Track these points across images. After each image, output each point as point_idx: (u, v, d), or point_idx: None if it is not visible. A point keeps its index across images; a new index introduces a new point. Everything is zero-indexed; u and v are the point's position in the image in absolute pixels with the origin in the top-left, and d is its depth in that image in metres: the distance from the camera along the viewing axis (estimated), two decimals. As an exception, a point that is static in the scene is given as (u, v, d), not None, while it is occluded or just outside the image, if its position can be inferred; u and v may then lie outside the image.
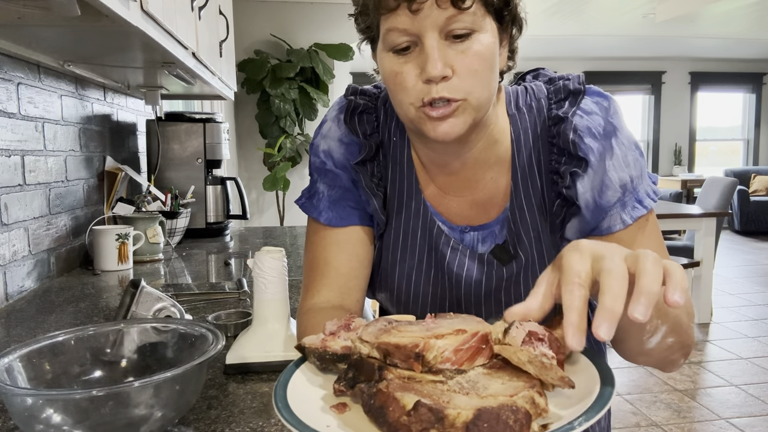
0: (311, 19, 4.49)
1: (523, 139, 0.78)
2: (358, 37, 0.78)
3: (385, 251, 0.84)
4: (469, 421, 0.41)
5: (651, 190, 0.76)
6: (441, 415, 0.42)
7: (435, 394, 0.46)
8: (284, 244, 2.02)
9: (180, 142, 2.15)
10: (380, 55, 0.72)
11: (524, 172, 0.78)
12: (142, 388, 0.59)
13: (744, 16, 5.66)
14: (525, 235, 0.78)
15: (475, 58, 0.67)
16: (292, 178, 4.47)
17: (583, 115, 0.74)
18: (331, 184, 0.84)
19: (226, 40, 2.04)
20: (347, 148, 0.83)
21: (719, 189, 4.23)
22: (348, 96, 0.85)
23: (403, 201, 0.83)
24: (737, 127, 8.74)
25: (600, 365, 0.50)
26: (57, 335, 0.70)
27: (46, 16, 0.95)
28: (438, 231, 0.81)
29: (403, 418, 0.43)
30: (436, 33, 0.66)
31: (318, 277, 0.83)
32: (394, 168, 0.83)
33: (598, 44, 7.06)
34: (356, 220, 0.84)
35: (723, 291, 4.85)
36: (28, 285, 1.38)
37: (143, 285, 0.92)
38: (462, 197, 0.81)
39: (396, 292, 0.85)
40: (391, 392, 0.45)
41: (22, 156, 1.36)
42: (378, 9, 0.68)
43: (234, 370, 0.82)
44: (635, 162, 0.74)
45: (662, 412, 2.74)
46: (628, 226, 0.74)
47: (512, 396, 0.44)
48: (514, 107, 0.79)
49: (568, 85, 0.77)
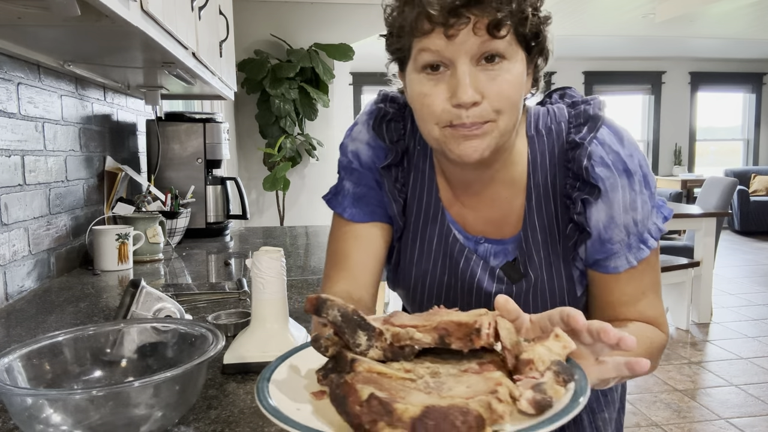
0: (311, 19, 4.49)
1: (539, 162, 0.80)
2: (387, 57, 0.80)
3: (403, 252, 0.89)
4: (416, 417, 0.43)
5: (656, 228, 0.78)
6: (390, 409, 0.44)
7: (394, 390, 0.48)
8: (284, 244, 2.02)
9: (180, 142, 2.15)
10: (410, 75, 0.74)
11: (539, 194, 0.80)
12: (142, 388, 0.59)
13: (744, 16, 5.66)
14: (536, 255, 0.80)
15: (505, 85, 0.69)
16: (292, 178, 4.47)
17: (598, 144, 0.75)
18: (357, 183, 0.89)
19: (226, 40, 2.04)
20: (374, 151, 0.87)
21: (719, 189, 4.22)
22: (378, 103, 0.88)
23: (422, 207, 0.86)
24: (737, 127, 8.74)
25: (579, 382, 0.51)
26: (57, 335, 0.70)
27: (46, 16, 0.95)
28: (453, 239, 0.85)
29: (357, 408, 0.46)
30: (468, 59, 0.68)
31: (338, 270, 0.87)
32: (416, 175, 0.87)
33: (598, 44, 7.06)
34: (377, 217, 0.88)
35: (723, 291, 4.85)
36: (28, 285, 1.38)
37: (143, 285, 0.92)
38: (478, 212, 0.84)
39: (412, 291, 0.89)
40: (354, 384, 0.48)
41: (22, 156, 1.36)
42: (413, 31, 0.69)
43: (232, 370, 0.82)
44: (643, 205, 0.76)
45: (662, 412, 2.74)
46: (632, 267, 0.78)
47: (469, 399, 0.45)
48: (533, 129, 0.81)
49: (588, 110, 0.78)
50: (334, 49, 4.29)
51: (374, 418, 0.45)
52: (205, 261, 1.76)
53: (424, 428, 0.43)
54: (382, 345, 0.55)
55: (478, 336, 0.52)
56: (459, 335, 0.53)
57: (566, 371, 0.51)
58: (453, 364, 0.55)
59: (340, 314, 0.55)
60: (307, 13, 4.49)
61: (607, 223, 0.75)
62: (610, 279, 0.79)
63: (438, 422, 0.43)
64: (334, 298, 0.56)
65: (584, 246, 0.78)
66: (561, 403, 0.47)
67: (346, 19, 4.52)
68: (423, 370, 0.54)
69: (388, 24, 0.76)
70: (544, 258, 0.80)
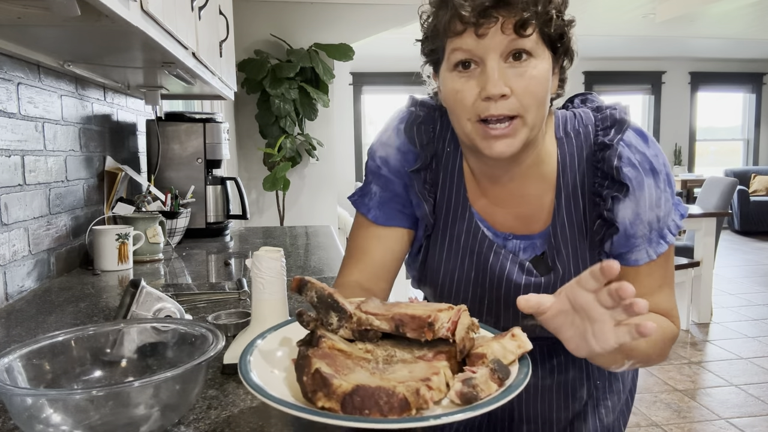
0: (311, 19, 4.49)
1: (569, 162, 0.84)
2: (421, 59, 0.85)
3: (432, 250, 0.92)
4: (347, 392, 0.51)
5: (674, 225, 0.83)
6: (328, 383, 0.52)
7: (343, 367, 0.56)
8: (284, 244, 2.02)
9: (180, 142, 2.15)
10: (443, 75, 0.80)
11: (568, 192, 0.84)
12: (142, 388, 0.59)
13: (744, 16, 5.66)
14: (564, 249, 0.85)
15: (532, 80, 0.74)
16: (292, 178, 4.47)
17: (625, 146, 0.80)
18: (384, 188, 0.93)
19: (226, 40, 2.04)
20: (404, 156, 0.90)
21: (719, 189, 4.22)
22: (410, 107, 0.92)
23: (450, 206, 0.90)
24: (737, 127, 8.73)
25: (516, 381, 0.57)
26: (57, 335, 0.70)
27: (46, 16, 0.95)
28: (482, 236, 0.88)
29: (305, 378, 0.54)
30: (497, 56, 0.73)
31: (354, 262, 0.93)
32: (445, 176, 0.90)
33: (598, 44, 7.06)
34: (400, 222, 0.93)
35: (723, 291, 4.85)
36: (28, 285, 1.38)
37: (143, 285, 0.92)
38: (507, 209, 0.88)
39: (440, 288, 0.92)
40: (312, 357, 0.55)
41: (22, 156, 1.36)
42: (447, 32, 0.75)
43: (231, 370, 0.82)
44: (665, 203, 0.81)
45: (662, 412, 2.74)
46: (652, 260, 0.83)
47: (401, 383, 0.52)
48: (562, 131, 0.86)
49: (614, 114, 0.83)
50: (334, 49, 4.29)
51: (315, 389, 0.53)
52: (205, 261, 1.76)
53: (352, 403, 0.50)
54: (351, 326, 0.62)
55: (429, 329, 0.59)
56: (413, 326, 0.60)
57: (502, 369, 0.56)
58: (410, 350, 0.62)
59: (317, 296, 0.63)
60: (307, 13, 4.49)
61: (633, 219, 0.80)
62: (630, 271, 0.83)
63: (364, 399, 0.50)
64: (315, 281, 0.63)
65: (610, 241, 0.82)
66: (489, 397, 0.54)
67: (346, 19, 4.52)
68: (381, 351, 0.61)
69: (424, 28, 0.82)
70: (572, 252, 0.84)
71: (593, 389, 0.96)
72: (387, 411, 0.50)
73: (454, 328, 0.59)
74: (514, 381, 0.56)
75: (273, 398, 0.53)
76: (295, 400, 0.54)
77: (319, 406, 0.52)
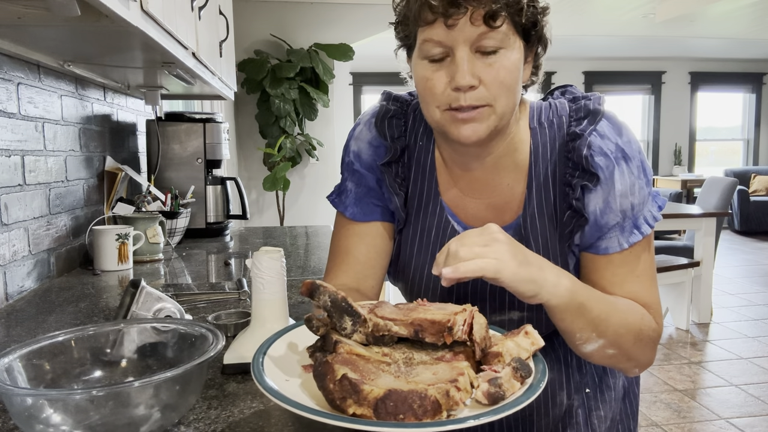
0: (311, 19, 4.49)
1: (541, 152, 0.83)
2: (396, 43, 0.84)
3: (403, 245, 0.91)
4: (379, 397, 0.50)
5: (651, 215, 0.81)
6: (358, 389, 0.51)
7: (367, 372, 0.55)
8: (284, 244, 2.02)
9: (180, 142, 2.15)
10: (415, 61, 0.79)
11: (539, 182, 0.83)
12: (142, 388, 0.59)
13: (744, 16, 5.66)
14: (534, 241, 0.83)
15: (501, 71, 0.74)
16: (292, 178, 4.47)
17: (597, 136, 0.79)
18: (358, 183, 0.92)
19: (226, 40, 2.04)
20: (375, 150, 0.90)
21: (719, 189, 4.22)
22: (381, 101, 0.92)
23: (422, 201, 0.89)
24: (737, 127, 8.74)
25: (537, 378, 0.58)
26: (57, 335, 0.70)
27: (46, 16, 0.95)
28: (452, 231, 0.87)
29: (332, 385, 0.52)
30: (467, 47, 0.73)
31: (338, 264, 0.92)
32: (416, 170, 0.90)
33: (598, 44, 7.06)
34: (378, 216, 0.92)
35: (723, 291, 4.85)
36: (28, 285, 1.38)
37: (143, 285, 0.92)
38: (479, 200, 0.87)
39: (410, 283, 0.91)
40: (333, 363, 0.54)
41: (22, 156, 1.36)
42: (417, 21, 0.75)
43: (232, 370, 0.82)
44: (640, 190, 0.79)
45: (662, 412, 2.74)
46: (624, 249, 0.80)
47: (430, 385, 0.51)
48: (536, 121, 0.85)
49: (588, 105, 0.82)
50: (334, 49, 4.30)
51: (344, 396, 0.51)
52: (205, 261, 1.76)
53: (385, 408, 0.49)
54: (365, 330, 0.61)
55: (449, 333, 0.58)
56: (432, 331, 0.59)
57: (525, 368, 0.56)
58: (428, 352, 0.61)
59: (330, 300, 0.61)
60: (307, 13, 4.49)
61: (604, 207, 0.79)
62: (602, 260, 0.82)
63: (397, 404, 0.49)
64: (327, 285, 0.62)
65: (581, 232, 0.81)
66: (514, 396, 0.54)
67: (346, 19, 4.52)
68: (399, 354, 0.60)
69: (396, 13, 0.81)
70: (542, 244, 0.83)
71: (581, 396, 0.93)
72: (421, 414, 0.49)
73: (469, 329, 0.59)
74: (533, 380, 0.56)
75: (310, 410, 0.51)
76: (322, 409, 0.53)
77: (350, 413, 0.51)
